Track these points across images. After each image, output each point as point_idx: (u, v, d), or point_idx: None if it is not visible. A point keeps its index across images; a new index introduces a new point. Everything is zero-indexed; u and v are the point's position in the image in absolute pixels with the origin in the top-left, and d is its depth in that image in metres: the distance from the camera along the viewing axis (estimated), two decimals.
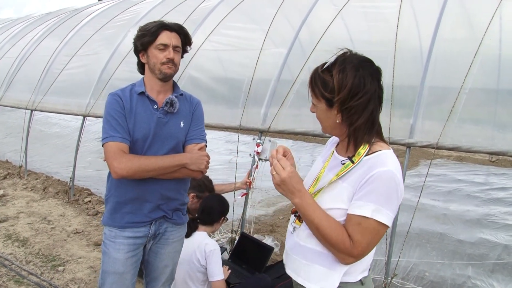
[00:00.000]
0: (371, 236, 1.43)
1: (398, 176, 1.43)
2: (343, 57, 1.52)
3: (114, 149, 2.12)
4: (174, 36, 2.25)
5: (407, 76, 3.99)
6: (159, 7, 7.27)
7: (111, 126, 2.16)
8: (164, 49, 2.21)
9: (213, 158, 9.04)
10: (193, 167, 2.26)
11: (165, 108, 2.26)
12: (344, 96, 1.45)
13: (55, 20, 9.84)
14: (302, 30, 4.98)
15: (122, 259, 2.27)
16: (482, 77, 3.72)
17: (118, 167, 2.09)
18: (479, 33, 3.74)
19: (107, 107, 2.21)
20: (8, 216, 5.40)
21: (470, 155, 10.20)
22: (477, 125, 3.67)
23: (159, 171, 2.18)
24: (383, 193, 1.41)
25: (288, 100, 4.32)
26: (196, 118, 2.40)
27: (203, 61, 5.55)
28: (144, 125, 2.21)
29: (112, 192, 2.30)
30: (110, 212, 2.31)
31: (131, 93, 2.25)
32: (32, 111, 7.31)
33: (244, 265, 3.67)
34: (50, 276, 3.90)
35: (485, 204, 6.45)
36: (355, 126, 1.49)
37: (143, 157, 2.19)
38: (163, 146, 2.25)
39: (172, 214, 2.37)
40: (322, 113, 1.57)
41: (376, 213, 1.41)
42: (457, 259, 4.47)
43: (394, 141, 3.62)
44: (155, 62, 2.22)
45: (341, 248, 1.46)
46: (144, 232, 2.31)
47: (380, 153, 1.50)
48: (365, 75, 1.47)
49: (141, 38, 2.23)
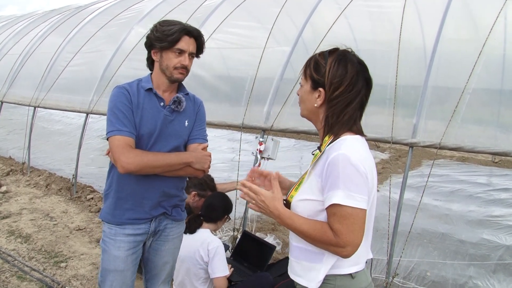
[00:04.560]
0: (349, 222, 1.45)
1: (352, 158, 1.45)
2: (344, 51, 1.60)
3: (121, 143, 2.10)
4: (192, 42, 2.24)
5: (410, 76, 3.98)
6: (162, 4, 7.27)
7: (118, 119, 2.13)
8: (180, 54, 2.19)
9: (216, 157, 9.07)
10: (197, 166, 2.27)
11: (173, 106, 2.26)
12: (334, 84, 1.54)
13: (59, 17, 9.85)
14: (305, 29, 4.98)
15: (122, 256, 2.27)
16: (486, 78, 3.71)
17: (126, 162, 2.07)
18: (483, 33, 3.73)
19: (114, 99, 2.17)
20: (11, 212, 5.42)
21: (473, 155, 10.16)
22: (480, 126, 3.67)
23: (165, 168, 2.19)
24: (342, 177, 1.44)
25: (291, 99, 4.32)
26: (199, 118, 2.41)
27: (206, 59, 5.49)
28: (151, 121, 2.20)
29: (113, 187, 2.29)
30: (110, 208, 2.30)
31: (138, 88, 2.23)
32: (35, 108, 7.33)
33: (246, 263, 3.68)
34: (53, 272, 3.92)
35: (487, 204, 6.44)
36: (332, 118, 1.56)
37: (151, 153, 2.18)
38: (167, 144, 2.26)
39: (171, 211, 2.39)
40: (305, 94, 1.64)
41: (345, 199, 1.43)
42: (459, 259, 4.46)
43: (397, 140, 3.62)
44: (168, 65, 2.20)
45: (326, 241, 1.49)
46: (145, 229, 2.32)
47: (339, 139, 1.54)
48: (360, 76, 1.56)
49: (160, 40, 2.18)
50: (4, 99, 8.40)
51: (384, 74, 4.01)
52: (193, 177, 3.69)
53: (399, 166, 9.10)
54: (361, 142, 1.57)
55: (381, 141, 3.71)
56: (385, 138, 3.64)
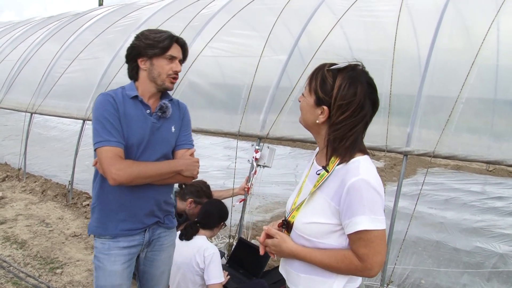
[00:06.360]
0: (375, 245, 1.44)
1: (372, 181, 1.43)
2: (355, 69, 1.53)
3: (110, 154, 2.04)
4: (180, 49, 2.24)
5: (404, 85, 4.03)
6: (160, 13, 7.32)
7: (105, 129, 2.06)
8: (171, 61, 2.18)
9: (212, 164, 9.03)
10: (187, 174, 2.25)
11: (159, 113, 2.23)
12: (341, 108, 1.48)
13: (56, 24, 9.88)
14: (301, 38, 5.03)
15: (119, 270, 2.22)
16: (479, 87, 3.77)
17: (116, 174, 2.01)
18: (476, 43, 3.79)
19: (100, 107, 2.10)
20: (7, 218, 5.41)
21: (468, 164, 10.22)
22: (473, 134, 3.71)
23: (156, 177, 2.15)
24: (366, 203, 1.42)
25: (287, 107, 4.36)
26: (185, 123, 2.39)
27: (203, 67, 5.59)
28: (139, 130, 2.16)
29: (102, 199, 2.22)
30: (101, 220, 2.22)
31: (123, 96, 2.19)
32: (32, 114, 7.33)
33: (242, 270, 3.69)
34: (48, 279, 3.91)
35: (481, 213, 6.48)
36: (335, 142, 1.52)
37: (142, 163, 2.14)
38: (155, 152, 2.22)
39: (164, 219, 2.36)
40: (307, 107, 1.57)
41: (371, 223, 1.42)
42: (453, 267, 4.49)
43: (391, 149, 3.66)
44: (161, 73, 2.18)
45: (352, 268, 1.47)
46: (139, 241, 2.27)
47: (352, 161, 1.50)
48: (367, 99, 1.50)
49: (152, 47, 2.15)
50: (1, 105, 8.40)
51: (379, 83, 4.00)
52: (189, 185, 3.72)
53: (394, 174, 9.14)
54: (370, 161, 1.54)
55: (376, 149, 3.75)
56: (380, 146, 3.68)
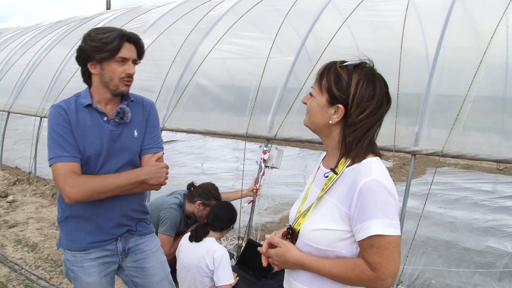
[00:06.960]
0: (389, 252, 1.32)
1: (384, 181, 1.34)
2: (370, 67, 1.45)
3: (64, 171, 1.91)
4: (133, 48, 2.05)
5: (412, 84, 4.02)
6: (167, 16, 7.36)
7: (57, 144, 1.93)
8: (123, 63, 2.01)
9: (220, 166, 9.09)
10: (153, 182, 2.09)
11: (116, 119, 2.06)
12: (362, 107, 1.39)
13: (65, 29, 9.97)
14: (308, 39, 5.03)
15: (96, 281, 2.12)
16: (488, 85, 3.74)
17: (71, 192, 1.90)
18: (484, 41, 3.76)
19: (51, 121, 1.96)
20: (18, 221, 5.46)
21: (478, 163, 10.12)
22: (483, 133, 3.68)
23: (116, 191, 2.01)
24: (380, 205, 1.32)
25: (295, 108, 4.36)
26: (151, 124, 2.20)
27: (210, 69, 5.61)
28: (95, 141, 2.01)
29: (68, 213, 2.10)
30: (69, 234, 2.12)
31: (76, 105, 2.02)
32: (42, 118, 7.40)
33: (251, 271, 3.69)
34: (59, 281, 3.95)
35: (492, 212, 6.41)
36: (353, 143, 1.42)
37: (98, 177, 1.99)
38: (118, 161, 2.07)
39: (136, 226, 2.24)
40: (317, 107, 1.46)
41: (385, 228, 1.31)
42: (464, 267, 4.45)
43: (400, 148, 3.64)
44: (112, 77, 2.00)
45: (364, 279, 1.36)
46: (112, 251, 2.16)
47: (364, 162, 1.41)
48: (384, 97, 1.43)
49: (99, 50, 1.96)
50: (11, 109, 8.49)
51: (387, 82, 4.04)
52: (198, 187, 3.74)
53: (403, 174, 9.08)
54: (382, 163, 1.44)
55: (384, 149, 3.73)
56: (388, 146, 3.66)
